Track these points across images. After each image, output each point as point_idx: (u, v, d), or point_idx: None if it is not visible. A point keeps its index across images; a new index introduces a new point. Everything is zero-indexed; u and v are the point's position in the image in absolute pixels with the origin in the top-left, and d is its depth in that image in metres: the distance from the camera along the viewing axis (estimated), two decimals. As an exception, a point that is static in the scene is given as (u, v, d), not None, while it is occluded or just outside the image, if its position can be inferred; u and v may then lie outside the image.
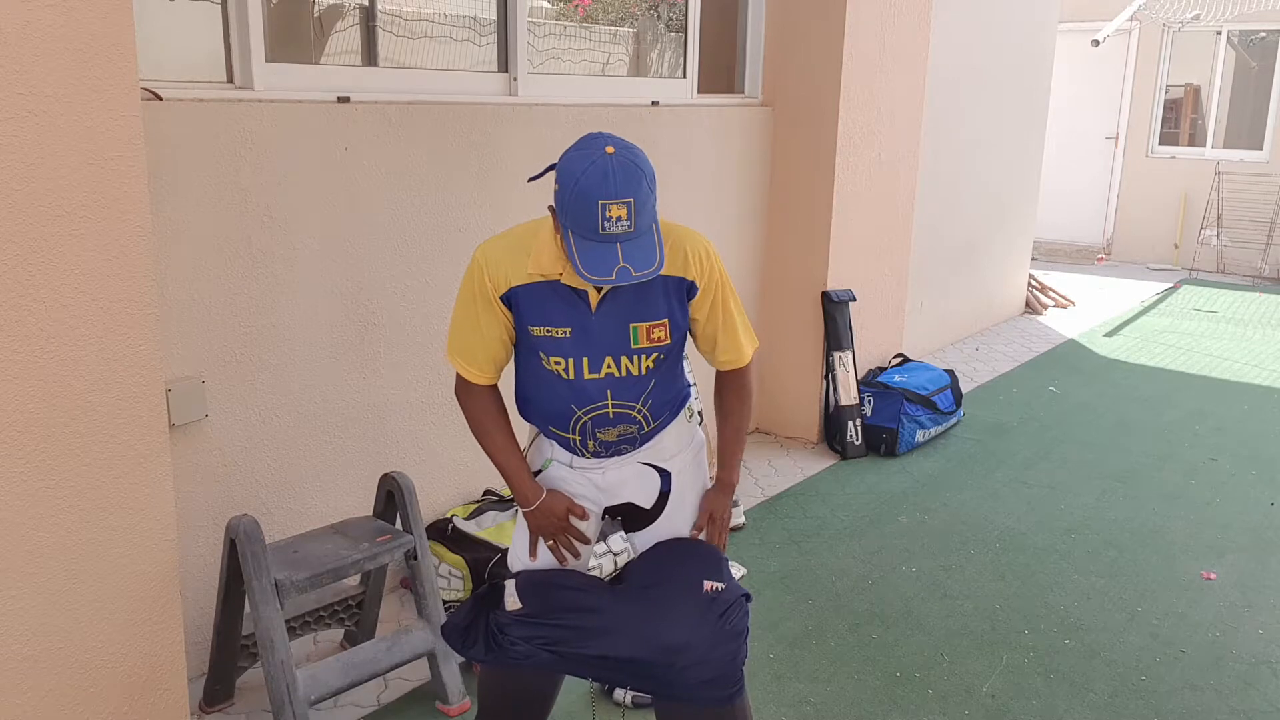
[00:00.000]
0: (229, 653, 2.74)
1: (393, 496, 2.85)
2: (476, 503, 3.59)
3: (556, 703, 2.38)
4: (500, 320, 2.06)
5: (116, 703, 2.31)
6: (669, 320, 2.06)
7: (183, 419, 2.76)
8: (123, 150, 2.13)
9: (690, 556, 2.19)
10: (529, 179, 2.10)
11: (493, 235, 2.12)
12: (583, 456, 2.19)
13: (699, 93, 4.49)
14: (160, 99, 2.63)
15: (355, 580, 3.00)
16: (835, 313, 4.80)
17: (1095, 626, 3.32)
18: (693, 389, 2.30)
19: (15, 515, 2.08)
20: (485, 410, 2.16)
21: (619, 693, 2.85)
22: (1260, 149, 9.79)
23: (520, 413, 2.22)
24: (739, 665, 2.13)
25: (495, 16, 3.64)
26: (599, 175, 1.80)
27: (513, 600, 2.16)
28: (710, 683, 2.09)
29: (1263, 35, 9.85)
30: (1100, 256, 10.40)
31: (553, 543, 2.20)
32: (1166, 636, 3.27)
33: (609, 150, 1.82)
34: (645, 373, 2.07)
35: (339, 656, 2.66)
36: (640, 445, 2.18)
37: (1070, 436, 5.14)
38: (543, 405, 2.14)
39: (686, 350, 2.23)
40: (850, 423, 4.80)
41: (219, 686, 2.78)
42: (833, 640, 3.21)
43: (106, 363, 2.17)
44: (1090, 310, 8.15)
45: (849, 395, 4.83)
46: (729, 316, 2.14)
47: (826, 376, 4.87)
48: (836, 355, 4.82)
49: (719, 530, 2.26)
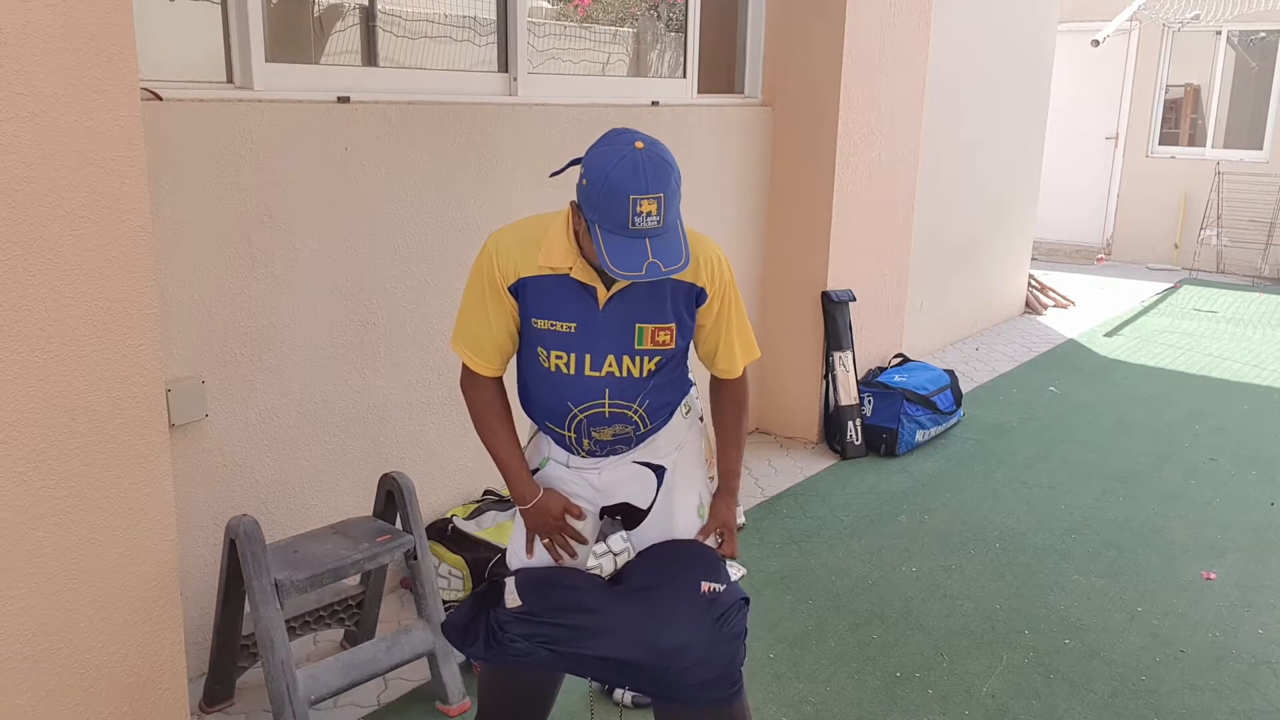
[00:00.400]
0: (229, 653, 2.74)
1: (393, 496, 2.85)
2: (476, 503, 3.59)
3: (556, 702, 2.38)
4: (507, 311, 2.05)
5: (116, 703, 2.31)
6: (676, 325, 2.05)
7: (183, 419, 2.76)
8: (123, 150, 2.13)
9: (688, 558, 2.18)
10: (550, 174, 2.09)
11: (504, 225, 2.11)
12: (578, 455, 2.18)
13: (699, 93, 4.49)
14: (160, 99, 2.63)
15: (355, 580, 3.00)
16: (835, 313, 4.80)
17: (1095, 626, 3.32)
18: (694, 389, 2.29)
19: (15, 515, 2.08)
20: (488, 403, 2.15)
21: (618, 693, 2.85)
22: (1260, 149, 9.79)
23: (522, 407, 2.22)
24: (738, 666, 2.13)
25: (495, 16, 3.64)
26: (629, 170, 1.79)
27: (513, 597, 2.16)
28: (709, 684, 2.09)
29: (1263, 35, 9.85)
30: (1100, 256, 10.40)
31: (549, 541, 2.20)
32: (1166, 636, 3.27)
33: (638, 145, 1.82)
34: (646, 375, 2.07)
35: (339, 656, 2.66)
36: (635, 445, 2.18)
37: (1070, 436, 5.14)
38: (541, 400, 2.13)
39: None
40: (850, 423, 4.80)
41: (219, 686, 2.78)
42: (833, 640, 3.21)
43: (106, 363, 2.17)
44: (1090, 310, 8.15)
45: (849, 395, 4.83)
46: (731, 327, 2.13)
47: (826, 376, 4.87)
48: (836, 355, 4.82)
49: (731, 539, 2.26)
